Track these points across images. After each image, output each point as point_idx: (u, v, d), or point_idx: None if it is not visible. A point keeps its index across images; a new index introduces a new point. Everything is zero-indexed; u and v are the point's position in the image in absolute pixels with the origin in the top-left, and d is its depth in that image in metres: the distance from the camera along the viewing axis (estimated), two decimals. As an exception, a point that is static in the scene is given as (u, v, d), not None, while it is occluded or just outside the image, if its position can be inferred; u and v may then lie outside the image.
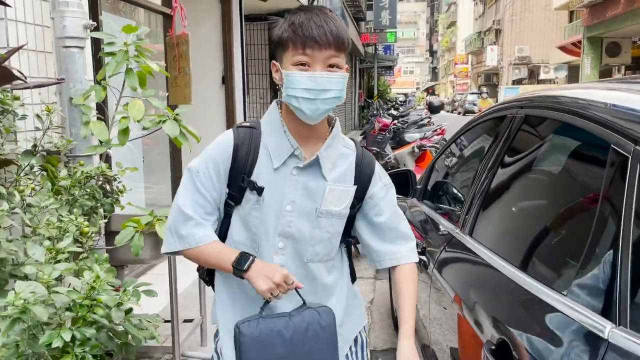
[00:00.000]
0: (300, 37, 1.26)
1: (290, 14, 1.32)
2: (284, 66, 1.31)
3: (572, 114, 1.40)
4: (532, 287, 1.29)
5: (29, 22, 2.38)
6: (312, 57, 1.27)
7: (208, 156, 1.36)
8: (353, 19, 17.87)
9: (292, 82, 1.28)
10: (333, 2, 11.72)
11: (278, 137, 1.36)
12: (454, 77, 59.06)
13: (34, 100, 2.31)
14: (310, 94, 1.27)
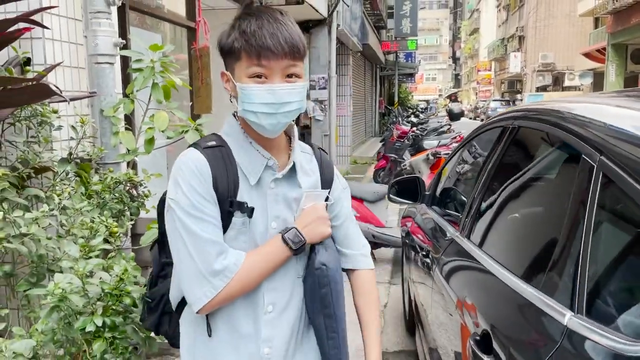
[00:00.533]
0: (255, 47, 1.14)
1: (239, 19, 1.19)
2: (237, 78, 1.20)
3: (553, 126, 1.53)
4: (511, 283, 1.43)
5: (64, 41, 2.60)
6: (269, 68, 1.16)
7: (189, 185, 1.17)
8: (373, 28, 18.03)
9: (249, 96, 1.17)
10: (353, 11, 11.90)
11: (247, 151, 1.24)
12: (476, 84, 58.66)
13: (68, 112, 2.53)
14: (270, 109, 1.17)
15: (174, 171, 1.20)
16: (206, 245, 1.16)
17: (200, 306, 1.17)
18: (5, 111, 1.93)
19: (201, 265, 1.16)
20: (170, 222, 1.20)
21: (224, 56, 1.23)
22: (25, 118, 2.17)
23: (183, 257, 1.18)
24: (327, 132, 9.38)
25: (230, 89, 1.24)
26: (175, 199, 1.18)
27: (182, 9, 5.82)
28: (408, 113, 17.84)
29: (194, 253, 1.16)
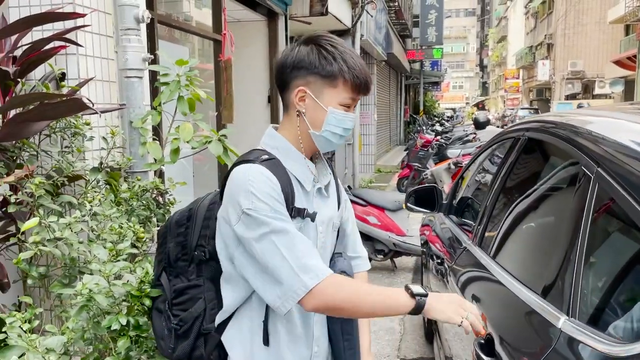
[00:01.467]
0: (361, 84, 1.30)
1: (334, 48, 1.30)
2: (326, 101, 1.30)
3: (558, 137, 1.58)
4: (513, 287, 1.49)
5: (96, 56, 2.75)
6: (355, 101, 1.34)
7: (263, 193, 1.23)
8: (398, 36, 18.07)
9: (337, 120, 1.31)
10: (378, 21, 11.98)
11: (297, 161, 1.35)
12: (504, 92, 57.93)
13: (99, 123, 2.67)
14: (345, 132, 1.34)
15: (241, 185, 1.23)
16: (297, 241, 1.22)
17: (290, 304, 1.19)
18: (42, 124, 2.07)
19: (292, 261, 1.19)
20: (248, 230, 1.22)
21: (313, 75, 1.29)
22: (60, 130, 2.31)
23: (270, 259, 1.20)
24: (351, 141, 9.45)
25: (305, 106, 1.32)
26: (253, 208, 1.21)
27: (209, 21, 5.99)
28: (433, 122, 17.78)
29: (285, 250, 1.20)
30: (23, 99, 1.91)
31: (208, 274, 1.40)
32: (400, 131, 21.98)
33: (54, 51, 2.28)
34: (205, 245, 1.38)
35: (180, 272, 1.44)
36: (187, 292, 1.42)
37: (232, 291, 1.34)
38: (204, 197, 1.47)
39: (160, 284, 1.50)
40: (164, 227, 1.51)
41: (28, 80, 2.39)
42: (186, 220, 1.44)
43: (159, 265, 1.51)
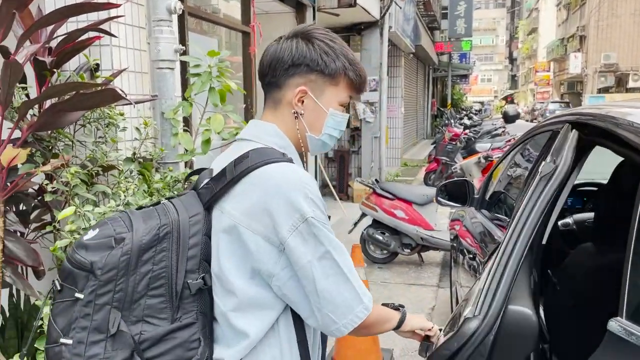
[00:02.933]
0: (362, 82, 1.23)
1: (335, 42, 1.21)
2: (327, 101, 1.21)
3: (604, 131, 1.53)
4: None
5: (129, 47, 2.77)
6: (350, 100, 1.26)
7: (320, 200, 1.13)
8: (427, 29, 17.84)
9: (335, 122, 1.24)
10: (406, 13, 11.84)
11: (299, 162, 1.24)
12: (534, 85, 56.80)
13: (132, 114, 2.70)
14: (340, 134, 1.27)
15: (297, 187, 1.08)
16: (352, 262, 1.14)
17: (351, 328, 1.10)
18: (77, 114, 2.10)
19: (355, 283, 1.11)
20: (306, 244, 1.07)
21: (312, 73, 1.19)
22: (94, 120, 2.34)
23: (333, 282, 1.08)
24: (377, 134, 9.39)
25: (304, 108, 1.21)
26: (316, 217, 1.08)
27: (237, 13, 6.00)
28: (461, 115, 17.54)
29: (347, 271, 1.10)
30: (59, 89, 1.93)
31: (201, 306, 1.13)
32: (427, 124, 21.76)
33: (89, 42, 2.30)
34: (195, 269, 1.11)
35: (149, 314, 1.09)
36: (173, 338, 1.10)
37: (261, 316, 1.12)
38: (171, 210, 1.15)
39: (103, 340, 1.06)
40: (118, 253, 1.07)
41: (63, 70, 2.42)
42: (157, 242, 1.09)
43: (100, 311, 1.06)
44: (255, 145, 1.18)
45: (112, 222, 1.12)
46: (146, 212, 1.15)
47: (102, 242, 1.08)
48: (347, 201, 8.78)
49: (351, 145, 9.63)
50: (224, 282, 1.13)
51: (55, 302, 1.11)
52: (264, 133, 1.21)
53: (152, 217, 1.12)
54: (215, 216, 1.15)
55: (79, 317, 1.07)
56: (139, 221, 1.11)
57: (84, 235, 1.13)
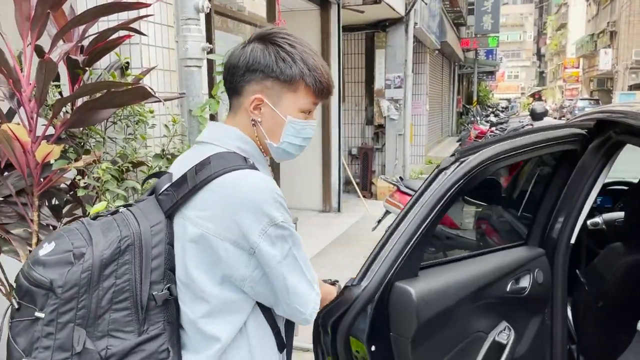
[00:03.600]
0: (325, 88, 1.18)
1: (293, 47, 1.16)
2: (285, 108, 1.17)
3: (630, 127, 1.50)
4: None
5: (158, 46, 2.82)
6: (315, 106, 1.21)
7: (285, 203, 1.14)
8: (452, 25, 17.64)
9: (295, 130, 1.19)
10: (432, 9, 11.73)
11: (265, 169, 1.23)
12: (562, 81, 55.66)
13: (160, 111, 2.75)
14: (305, 142, 1.22)
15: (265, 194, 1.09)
16: (304, 253, 1.19)
17: (314, 316, 1.17)
18: (108, 111, 2.15)
19: (308, 274, 1.16)
20: (274, 246, 1.09)
21: (268, 80, 1.15)
22: (125, 117, 2.39)
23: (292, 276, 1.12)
24: (402, 131, 9.34)
25: (261, 115, 1.17)
26: (285, 220, 1.11)
27: (262, 11, 6.04)
28: (487, 112, 17.33)
29: (303, 264, 1.15)
30: (92, 87, 1.98)
31: (168, 316, 1.12)
32: (453, 122, 21.53)
33: (120, 41, 2.35)
34: (160, 280, 1.09)
35: (114, 328, 1.06)
36: (140, 350, 1.07)
37: (231, 320, 1.13)
38: (131, 220, 1.11)
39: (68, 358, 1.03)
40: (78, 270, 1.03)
41: (94, 69, 2.48)
42: (119, 255, 1.06)
43: (64, 329, 1.03)
44: (217, 149, 1.15)
45: (69, 235, 1.08)
46: (105, 223, 1.11)
47: (61, 258, 1.04)
48: (371, 199, 8.77)
49: (375, 143, 9.60)
50: (193, 290, 1.11)
51: (13, 320, 1.06)
52: (226, 136, 1.18)
53: (111, 228, 1.09)
54: (177, 224, 1.13)
55: (41, 337, 1.03)
56: (98, 234, 1.07)
57: (39, 249, 1.07)
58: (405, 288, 1.36)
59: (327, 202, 7.67)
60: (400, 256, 1.35)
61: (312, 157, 7.48)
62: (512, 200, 3.03)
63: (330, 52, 7.42)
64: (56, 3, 1.95)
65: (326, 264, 5.38)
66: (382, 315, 1.36)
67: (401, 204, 5.32)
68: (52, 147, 1.90)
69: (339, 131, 7.55)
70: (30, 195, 2.04)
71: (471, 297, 1.53)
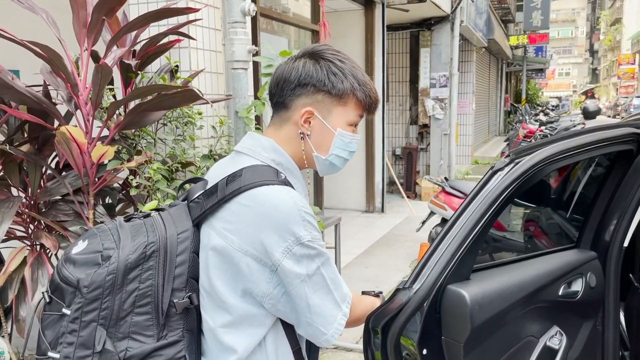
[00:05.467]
0: (373, 103, 1.22)
1: (343, 64, 1.19)
2: (334, 122, 1.19)
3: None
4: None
5: (206, 49, 2.89)
6: (360, 119, 1.24)
7: (314, 220, 1.13)
8: (500, 21, 17.22)
9: (344, 144, 1.21)
10: (478, 6, 11.50)
11: (299, 180, 1.24)
12: (617, 78, 53.38)
13: (208, 113, 2.81)
14: (350, 156, 1.25)
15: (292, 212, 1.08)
16: (335, 269, 1.17)
17: (336, 336, 1.14)
18: (159, 113, 2.22)
19: (336, 292, 1.14)
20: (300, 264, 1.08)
21: (320, 93, 1.18)
22: (175, 119, 2.47)
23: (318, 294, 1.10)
24: (447, 131, 9.20)
25: (311, 129, 1.19)
26: (312, 239, 1.09)
27: (306, 12, 6.09)
28: (536, 111, 16.83)
29: (331, 282, 1.13)
30: (145, 90, 2.05)
31: (188, 324, 1.13)
32: (500, 121, 21.02)
33: (170, 45, 2.43)
34: (182, 288, 1.11)
35: (135, 331, 1.08)
36: (158, 355, 1.09)
37: (249, 334, 1.13)
38: (159, 225, 1.14)
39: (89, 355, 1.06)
40: (104, 272, 1.07)
41: (145, 72, 2.57)
42: (144, 260, 1.08)
43: (87, 327, 1.06)
44: (251, 160, 1.16)
45: (101, 235, 1.11)
46: (135, 227, 1.13)
47: (89, 258, 1.07)
48: (415, 199, 8.68)
49: (419, 143, 9.50)
50: (215, 299, 1.12)
51: (44, 313, 1.10)
52: (261, 147, 1.18)
53: (140, 233, 1.11)
54: (204, 233, 1.14)
55: (65, 333, 1.06)
56: (127, 237, 1.10)
57: (73, 246, 1.12)
58: (458, 291, 1.34)
59: (370, 203, 7.64)
60: (452, 259, 1.33)
61: (355, 158, 7.42)
62: (562, 202, 2.94)
63: (374, 51, 7.39)
64: (111, 10, 2.03)
65: (369, 265, 5.37)
66: (434, 318, 1.35)
67: (446, 204, 5.25)
68: (107, 148, 1.98)
69: (382, 131, 7.51)
70: (86, 194, 2.14)
71: (523, 300, 1.49)
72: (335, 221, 3.70)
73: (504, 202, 1.41)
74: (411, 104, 9.62)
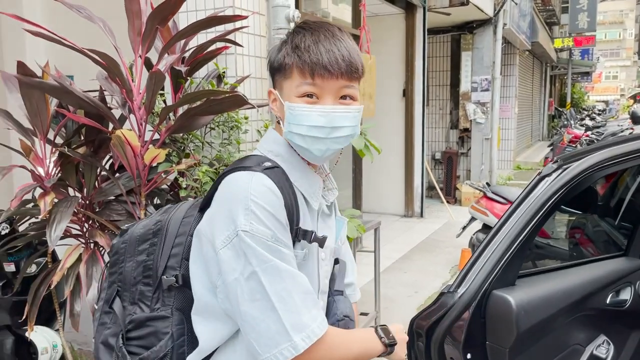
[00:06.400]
0: (308, 64, 1.05)
1: (293, 34, 1.10)
2: (286, 96, 1.09)
3: None
4: None
5: (251, 55, 2.96)
6: (322, 88, 1.06)
7: (267, 212, 1.00)
8: (544, 24, 16.83)
9: (298, 117, 1.06)
10: (522, 8, 11.29)
11: (304, 173, 1.13)
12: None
13: (252, 117, 2.88)
14: (321, 132, 1.06)
15: (240, 198, 1.01)
16: (295, 289, 1.00)
17: None
18: (207, 118, 2.30)
19: (284, 314, 0.98)
20: (237, 260, 1.00)
21: (273, 73, 1.14)
22: (222, 123, 2.54)
23: (256, 306, 0.98)
24: (489, 135, 9.06)
25: (276, 109, 1.14)
26: (251, 230, 0.98)
27: (347, 17, 6.13)
28: (582, 115, 16.35)
29: (276, 299, 0.98)
30: (195, 96, 2.13)
31: (178, 303, 1.12)
32: (544, 125, 20.52)
33: (218, 52, 2.51)
34: (176, 267, 1.12)
35: (140, 299, 1.14)
36: (150, 325, 1.12)
37: (211, 327, 1.08)
38: (176, 207, 1.20)
39: (111, 311, 1.18)
40: (120, 240, 1.20)
41: (194, 78, 2.65)
42: (152, 236, 1.15)
43: (110, 287, 1.19)
44: (254, 152, 1.16)
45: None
46: (163, 209, 1.24)
47: (122, 230, 1.23)
48: (455, 204, 8.58)
49: (460, 147, 9.39)
50: (193, 284, 1.12)
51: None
52: (263, 140, 1.18)
53: (160, 212, 1.21)
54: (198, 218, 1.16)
55: (101, 289, 1.23)
56: (151, 216, 1.22)
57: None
58: (504, 296, 1.34)
59: (409, 207, 7.60)
60: (498, 264, 1.34)
61: (394, 161, 7.46)
62: (610, 209, 2.87)
63: (414, 55, 7.37)
64: (164, 19, 2.11)
65: (408, 270, 5.35)
66: (478, 323, 1.36)
67: (488, 210, 5.18)
68: (159, 151, 2.07)
69: (422, 135, 7.47)
70: (138, 194, 2.23)
71: (570, 308, 1.48)
72: (375, 225, 3.71)
73: (551, 209, 1.41)
74: (452, 108, 9.52)
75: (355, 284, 1.39)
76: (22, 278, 2.50)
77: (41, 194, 2.08)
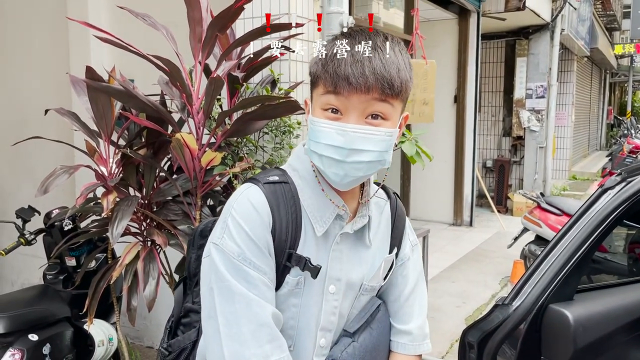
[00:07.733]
0: (330, 74, 0.92)
1: (331, 41, 0.98)
2: (313, 108, 0.99)
3: None
4: None
5: (304, 61, 3.00)
6: (345, 103, 0.92)
7: (240, 228, 0.95)
8: (604, 29, 16.19)
9: (317, 133, 0.95)
10: (581, 13, 10.91)
11: (316, 193, 1.02)
12: None
13: (304, 122, 2.92)
14: (338, 154, 0.93)
15: (224, 210, 0.99)
16: (245, 316, 0.92)
17: None
18: (262, 122, 2.35)
19: (225, 340, 0.91)
20: (205, 274, 0.97)
21: (310, 82, 1.04)
22: (275, 128, 2.59)
23: (210, 324, 0.95)
24: (543, 144, 8.79)
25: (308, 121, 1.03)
26: (220, 244, 0.95)
27: (399, 22, 6.11)
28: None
29: (222, 322, 0.92)
30: (251, 101, 2.18)
31: None
32: (602, 135, 19.72)
33: (273, 58, 2.56)
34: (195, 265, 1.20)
35: (191, 290, 1.20)
36: (189, 315, 1.17)
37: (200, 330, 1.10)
38: None
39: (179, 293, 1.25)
40: (192, 234, 1.25)
41: (249, 83, 2.72)
42: (208, 232, 1.08)
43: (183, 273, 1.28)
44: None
45: None
46: None
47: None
48: (506, 214, 8.37)
49: (512, 155, 9.15)
50: None
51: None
52: (292, 152, 1.12)
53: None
54: None
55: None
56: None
57: None
58: (561, 311, 1.31)
59: (458, 216, 7.47)
60: (555, 278, 1.31)
61: (444, 168, 7.36)
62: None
63: (467, 60, 7.26)
64: (223, 26, 2.18)
65: (456, 279, 5.26)
66: (533, 337, 1.33)
67: (542, 221, 5.03)
68: (215, 154, 2.13)
69: (473, 142, 7.33)
70: (194, 196, 2.31)
71: (629, 325, 1.43)
72: (423, 232, 3.68)
73: (613, 223, 1.37)
74: (504, 115, 9.30)
75: (418, 334, 1.18)
76: (83, 272, 2.62)
77: (104, 192, 2.18)
